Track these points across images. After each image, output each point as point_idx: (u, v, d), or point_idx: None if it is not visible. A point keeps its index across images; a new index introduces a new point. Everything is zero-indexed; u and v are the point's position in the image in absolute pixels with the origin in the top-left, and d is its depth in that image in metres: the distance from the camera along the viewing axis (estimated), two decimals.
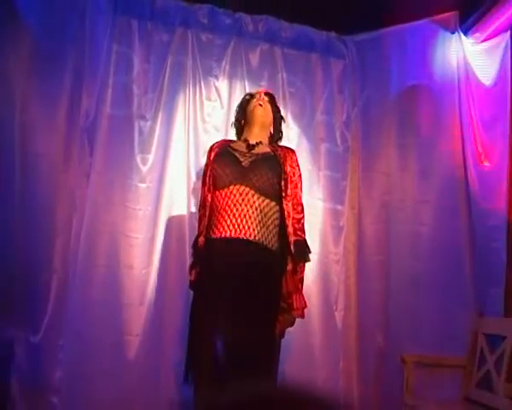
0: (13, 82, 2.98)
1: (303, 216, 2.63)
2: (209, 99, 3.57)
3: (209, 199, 2.53)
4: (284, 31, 3.76)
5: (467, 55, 3.53)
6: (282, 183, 2.52)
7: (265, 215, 2.43)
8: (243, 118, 2.85)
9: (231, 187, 2.45)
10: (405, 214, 3.49)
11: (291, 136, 3.65)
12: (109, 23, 3.39)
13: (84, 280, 3.09)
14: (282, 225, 2.50)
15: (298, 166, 2.69)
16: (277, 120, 2.91)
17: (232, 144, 2.71)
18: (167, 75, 3.46)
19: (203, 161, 3.43)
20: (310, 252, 2.60)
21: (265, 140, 2.78)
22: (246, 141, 2.71)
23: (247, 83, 3.64)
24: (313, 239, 3.33)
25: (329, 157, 3.68)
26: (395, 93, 3.70)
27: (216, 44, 3.64)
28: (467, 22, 3.55)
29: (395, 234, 3.50)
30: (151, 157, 3.35)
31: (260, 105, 2.77)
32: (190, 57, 3.54)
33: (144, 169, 3.33)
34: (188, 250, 3.25)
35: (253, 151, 2.62)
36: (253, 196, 2.43)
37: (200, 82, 3.56)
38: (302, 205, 2.65)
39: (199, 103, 3.54)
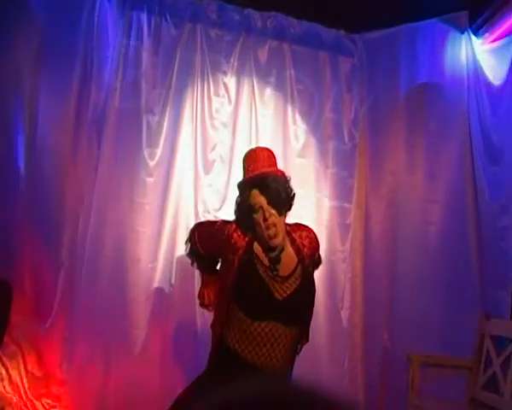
0: (22, 74, 3.02)
1: None
2: (217, 95, 3.59)
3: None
4: (293, 27, 3.77)
5: (476, 54, 3.54)
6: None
7: (292, 343, 2.25)
8: (251, 224, 2.28)
9: (263, 323, 2.15)
10: (413, 214, 3.50)
11: (299, 133, 3.68)
12: (119, 17, 3.42)
13: (91, 273, 3.12)
14: None
15: (318, 245, 2.47)
16: (283, 202, 2.29)
17: (255, 248, 2.26)
18: (176, 70, 3.48)
19: (211, 156, 3.49)
20: None
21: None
22: (265, 251, 2.26)
23: (255, 79, 3.66)
24: (320, 237, 3.32)
25: (337, 155, 3.70)
26: (404, 92, 3.71)
27: (225, 40, 3.66)
28: (476, 22, 3.57)
29: (402, 233, 3.52)
30: (159, 152, 3.38)
31: (270, 229, 2.23)
32: (199, 53, 3.56)
33: (152, 163, 3.35)
34: None
35: (280, 273, 2.23)
36: (284, 331, 2.17)
37: (208, 77, 3.58)
38: None
39: (207, 99, 3.56)
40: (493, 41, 3.53)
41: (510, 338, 2.82)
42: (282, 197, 2.28)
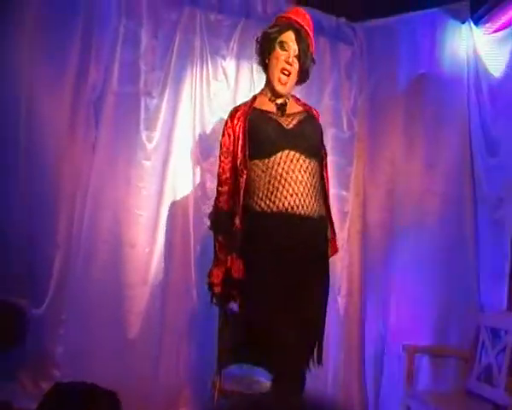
0: (19, 53, 3.02)
1: None
2: (216, 79, 3.61)
3: (241, 172, 2.30)
4: None
5: (477, 45, 3.59)
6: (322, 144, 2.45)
7: (314, 177, 2.28)
8: (266, 60, 2.46)
9: (279, 154, 2.23)
10: (411, 204, 3.56)
11: None
12: None
13: (88, 256, 3.15)
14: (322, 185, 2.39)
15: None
16: (306, 65, 2.46)
17: (259, 106, 2.41)
18: (175, 53, 3.49)
19: (209, 140, 3.50)
20: None
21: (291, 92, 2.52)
22: (272, 101, 2.43)
23: (254, 64, 3.68)
24: None
25: (336, 142, 3.74)
26: (403, 81, 3.76)
27: (224, 25, 3.67)
28: (478, 12, 3.61)
29: (400, 223, 3.58)
30: (157, 134, 3.39)
31: (285, 74, 2.39)
32: (198, 36, 3.57)
33: (150, 146, 3.37)
34: (191, 231, 3.32)
35: (288, 112, 2.40)
36: (303, 160, 2.25)
37: (207, 61, 3.59)
38: None
39: (205, 83, 3.58)
40: (494, 32, 3.58)
41: (506, 330, 2.89)
42: (307, 64, 2.44)
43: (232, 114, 2.44)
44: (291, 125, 2.33)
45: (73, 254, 3.11)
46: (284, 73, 2.38)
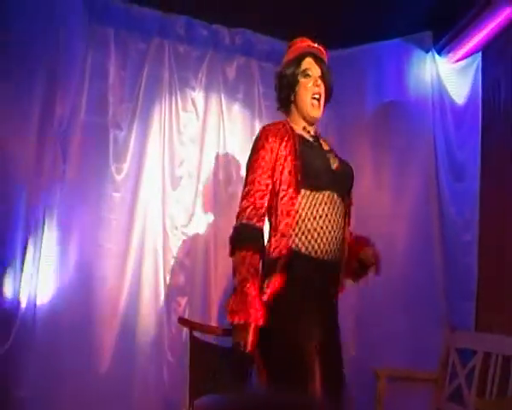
0: None
1: None
2: (185, 110, 3.68)
3: (293, 197, 2.17)
4: (261, 44, 3.90)
5: (440, 74, 3.72)
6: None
7: (343, 220, 2.32)
8: (292, 95, 2.43)
9: (326, 193, 2.22)
10: (379, 229, 3.61)
11: None
12: (85, 30, 3.47)
13: (56, 290, 3.13)
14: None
15: None
16: (330, 82, 2.48)
17: (299, 132, 2.34)
18: (143, 85, 3.56)
19: (178, 171, 3.55)
20: None
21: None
22: (307, 132, 2.40)
23: (223, 95, 3.77)
24: None
25: None
26: (370, 110, 3.87)
27: (192, 56, 3.75)
28: (440, 42, 3.75)
29: None
30: (126, 166, 3.43)
31: (316, 99, 2.39)
32: (167, 68, 3.65)
33: (119, 178, 3.40)
34: (161, 261, 3.34)
35: (326, 148, 2.41)
36: (340, 203, 2.27)
37: (176, 93, 3.66)
38: None
39: (175, 114, 3.64)
40: (456, 61, 3.72)
41: (474, 350, 2.95)
42: (331, 81, 2.46)
43: (272, 131, 2.29)
44: (335, 166, 2.33)
45: (40, 289, 3.09)
46: (315, 98, 2.38)
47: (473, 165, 3.41)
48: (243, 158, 3.68)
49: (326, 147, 2.43)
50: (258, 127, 3.80)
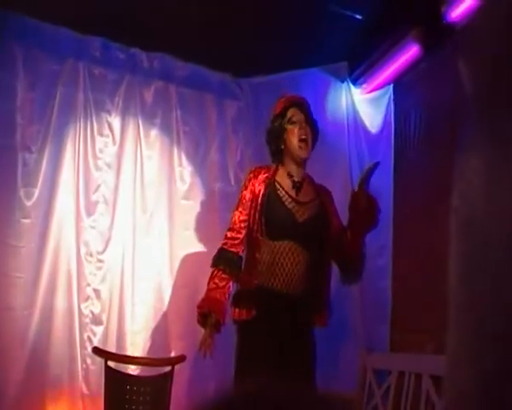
0: None
1: None
2: (101, 134, 3.64)
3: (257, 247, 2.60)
4: (179, 69, 3.93)
5: (355, 103, 3.94)
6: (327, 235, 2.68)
7: (309, 269, 2.57)
8: (282, 144, 2.76)
9: (285, 242, 2.55)
10: None
11: (184, 175, 3.81)
12: None
13: None
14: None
15: (334, 202, 2.88)
16: (315, 128, 2.84)
17: (277, 179, 2.70)
18: (56, 107, 3.48)
19: (94, 197, 3.50)
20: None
21: (305, 168, 2.82)
22: (291, 177, 2.72)
23: (140, 120, 3.76)
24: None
25: (223, 197, 3.85)
26: None
27: (109, 79, 3.72)
28: (355, 73, 3.97)
29: None
30: (37, 191, 3.33)
31: (303, 141, 2.71)
32: (81, 90, 3.59)
33: (28, 204, 3.29)
34: (75, 289, 3.25)
35: (300, 198, 2.67)
36: (301, 252, 2.55)
37: (91, 116, 3.61)
38: None
39: (90, 138, 3.59)
40: (370, 91, 3.95)
41: (389, 370, 3.09)
42: (315, 126, 2.80)
43: (256, 173, 2.74)
44: (303, 219, 2.60)
45: None
46: (302, 140, 2.69)
47: (386, 191, 3.61)
48: (161, 183, 3.71)
49: (306, 197, 2.69)
50: (176, 153, 3.82)
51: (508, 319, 0.52)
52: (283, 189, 2.66)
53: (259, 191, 2.64)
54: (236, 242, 2.66)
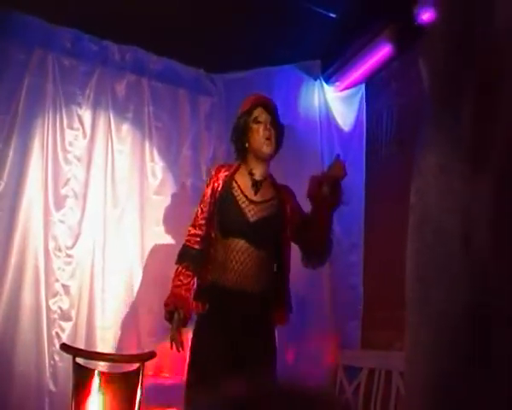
0: None
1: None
2: (71, 127, 3.59)
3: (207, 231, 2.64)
4: (152, 63, 3.91)
5: (328, 101, 3.97)
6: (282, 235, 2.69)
7: (262, 268, 2.59)
8: (246, 142, 2.73)
9: (235, 241, 2.56)
10: None
11: (156, 170, 3.79)
12: None
13: None
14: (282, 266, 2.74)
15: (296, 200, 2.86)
16: (280, 130, 2.79)
17: (236, 178, 2.71)
18: (23, 98, 3.41)
19: (63, 191, 3.46)
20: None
21: (268, 168, 2.81)
22: (252, 175, 2.71)
23: (111, 113, 3.72)
24: None
25: (194, 192, 3.83)
26: None
27: (80, 71, 3.68)
28: (328, 71, 4.00)
29: None
30: (2, 184, 3.27)
31: (268, 139, 2.69)
32: (51, 81, 3.54)
33: None
34: (43, 284, 3.21)
35: (256, 198, 2.66)
36: (253, 251, 2.56)
37: (61, 109, 3.56)
38: None
39: (59, 131, 3.54)
40: (343, 89, 3.98)
41: (360, 367, 3.12)
42: (281, 129, 2.77)
43: (217, 171, 2.75)
44: (254, 219, 2.61)
45: None
46: (267, 138, 2.67)
47: (358, 188, 3.65)
48: (132, 178, 3.69)
49: (263, 196, 2.68)
50: (147, 147, 3.80)
51: (464, 316, 0.52)
52: (239, 187, 2.68)
53: (217, 189, 2.69)
54: (198, 239, 2.69)
